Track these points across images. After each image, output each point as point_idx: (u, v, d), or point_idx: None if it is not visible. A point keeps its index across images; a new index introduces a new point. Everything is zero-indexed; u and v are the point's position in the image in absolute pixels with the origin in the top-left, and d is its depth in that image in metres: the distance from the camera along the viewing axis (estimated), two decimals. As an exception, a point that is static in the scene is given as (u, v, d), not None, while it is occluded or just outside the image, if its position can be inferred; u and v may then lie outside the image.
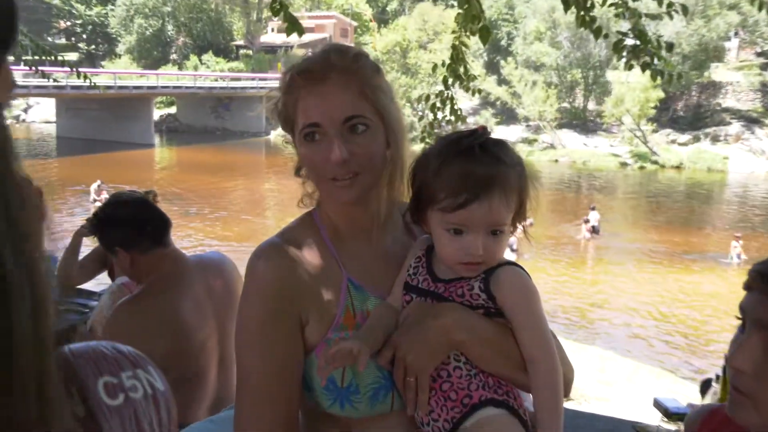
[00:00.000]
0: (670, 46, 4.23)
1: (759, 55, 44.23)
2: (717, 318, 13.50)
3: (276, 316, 1.42)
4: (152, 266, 2.56)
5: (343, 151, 1.41)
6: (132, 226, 2.56)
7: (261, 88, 47.93)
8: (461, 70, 5.08)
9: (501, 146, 1.41)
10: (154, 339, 2.33)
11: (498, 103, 42.71)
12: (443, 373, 1.39)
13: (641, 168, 36.45)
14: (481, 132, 1.41)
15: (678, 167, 36.34)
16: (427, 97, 5.26)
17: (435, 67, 5.23)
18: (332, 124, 1.42)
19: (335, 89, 1.43)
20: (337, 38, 58.88)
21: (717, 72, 41.30)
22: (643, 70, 4.15)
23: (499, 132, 41.52)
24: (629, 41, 4.19)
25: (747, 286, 1.22)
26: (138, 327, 2.37)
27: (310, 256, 1.49)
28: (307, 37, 55.09)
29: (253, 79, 49.76)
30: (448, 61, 5.10)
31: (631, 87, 37.12)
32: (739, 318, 1.20)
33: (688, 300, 14.53)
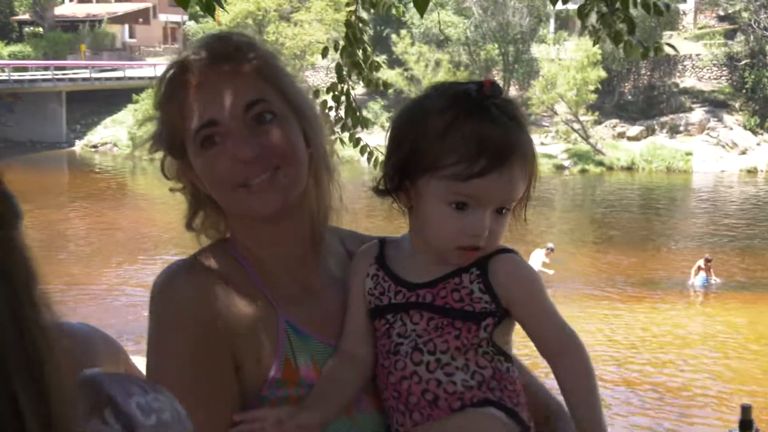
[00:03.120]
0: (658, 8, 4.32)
1: (722, 19, 46.13)
2: (692, 361, 14.19)
3: (209, 345, 1.51)
4: None
5: (252, 145, 1.53)
6: None
7: (59, 80, 47.00)
8: (360, 55, 5.15)
9: (516, 107, 1.60)
10: None
11: (391, 92, 41.09)
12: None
13: (582, 171, 37.56)
14: (491, 87, 1.57)
15: (629, 168, 37.65)
16: (316, 92, 5.09)
17: (325, 50, 5.33)
18: (232, 117, 1.54)
19: (227, 76, 1.56)
20: (164, 7, 58.21)
21: (671, 43, 42.28)
22: (617, 44, 4.29)
23: (393, 131, 42.24)
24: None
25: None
26: None
27: (235, 288, 1.58)
28: (124, 7, 54.15)
29: (46, 68, 48.46)
30: (342, 43, 5.15)
31: (564, 65, 38.24)
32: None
33: (655, 344, 15.30)
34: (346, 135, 5.14)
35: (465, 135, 1.50)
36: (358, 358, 1.59)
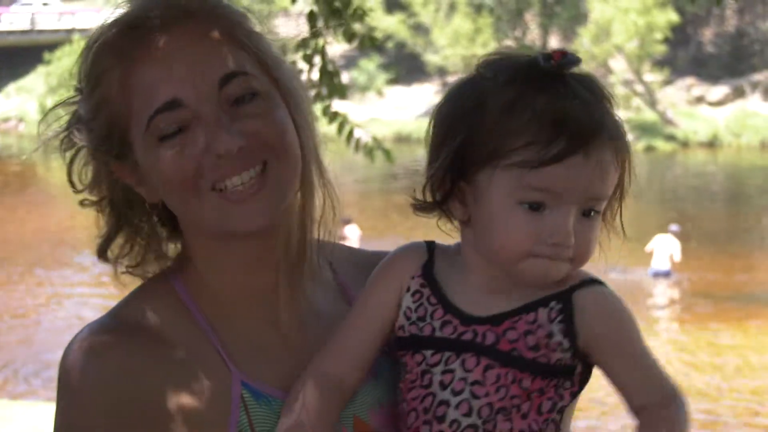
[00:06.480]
0: None
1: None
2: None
3: None
4: None
5: (233, 133, 1.43)
6: None
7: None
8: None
9: (598, 82, 1.53)
10: None
11: (391, 45, 42.28)
12: None
13: (648, 149, 37.27)
14: (563, 56, 1.47)
15: (711, 144, 37.17)
16: (281, 50, 3.82)
17: None
18: (203, 96, 1.44)
19: (192, 40, 1.46)
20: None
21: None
22: None
23: (396, 94, 41.23)
24: None
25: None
26: None
27: (175, 350, 1.49)
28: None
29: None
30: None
31: (621, 7, 37.33)
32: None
33: (749, 377, 14.82)
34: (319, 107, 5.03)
35: (537, 110, 1.42)
36: (347, 385, 1.51)
